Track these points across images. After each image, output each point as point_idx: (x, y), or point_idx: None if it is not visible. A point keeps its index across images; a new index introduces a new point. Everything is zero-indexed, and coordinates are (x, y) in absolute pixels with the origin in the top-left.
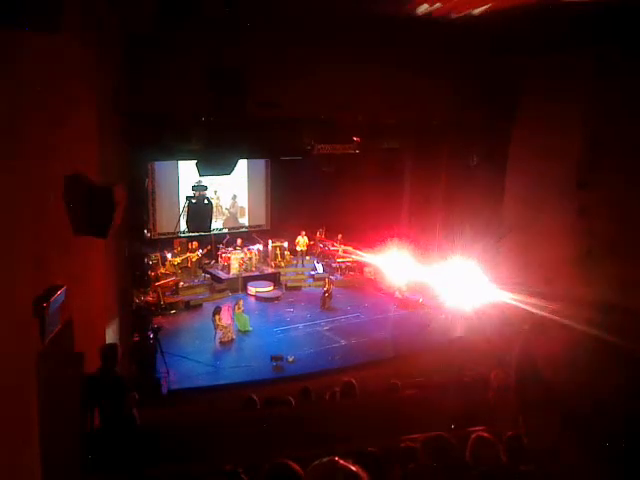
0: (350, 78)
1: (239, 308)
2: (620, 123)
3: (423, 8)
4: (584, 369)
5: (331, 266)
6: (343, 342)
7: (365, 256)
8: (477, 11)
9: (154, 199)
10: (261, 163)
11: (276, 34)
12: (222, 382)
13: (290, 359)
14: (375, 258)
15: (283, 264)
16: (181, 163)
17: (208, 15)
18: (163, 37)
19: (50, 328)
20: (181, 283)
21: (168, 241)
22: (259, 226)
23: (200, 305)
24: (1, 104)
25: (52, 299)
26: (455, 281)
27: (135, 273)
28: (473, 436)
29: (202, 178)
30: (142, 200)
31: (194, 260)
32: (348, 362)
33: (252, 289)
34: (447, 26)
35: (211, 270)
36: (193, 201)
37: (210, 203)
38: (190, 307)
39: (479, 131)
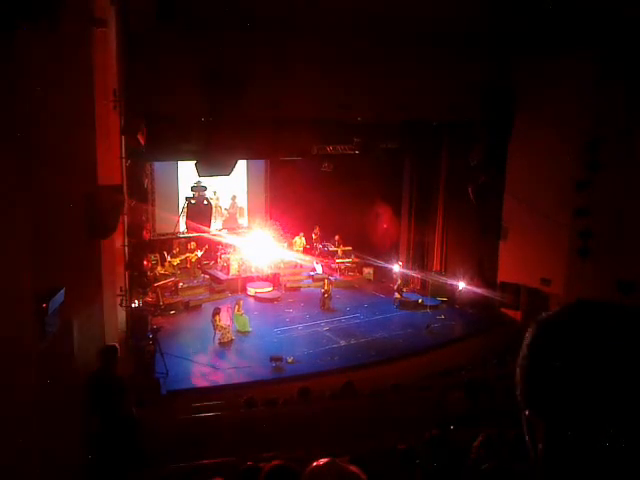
0: (350, 78)
1: (238, 309)
2: (620, 124)
3: None
4: None
5: (330, 267)
6: (342, 343)
7: (364, 257)
8: None
9: (153, 199)
10: (260, 163)
11: (276, 34)
12: (221, 383)
13: (289, 360)
14: (374, 259)
15: (282, 265)
16: (180, 163)
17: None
18: (163, 37)
19: (50, 328)
20: (180, 284)
21: (167, 242)
22: (258, 227)
23: (199, 306)
24: (1, 102)
25: (52, 299)
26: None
27: (134, 274)
28: (479, 437)
29: (201, 179)
30: (141, 200)
31: (193, 261)
32: (347, 363)
33: (251, 290)
34: (448, 27)
35: (210, 271)
36: (192, 201)
37: (209, 204)
38: (189, 308)
39: (479, 131)
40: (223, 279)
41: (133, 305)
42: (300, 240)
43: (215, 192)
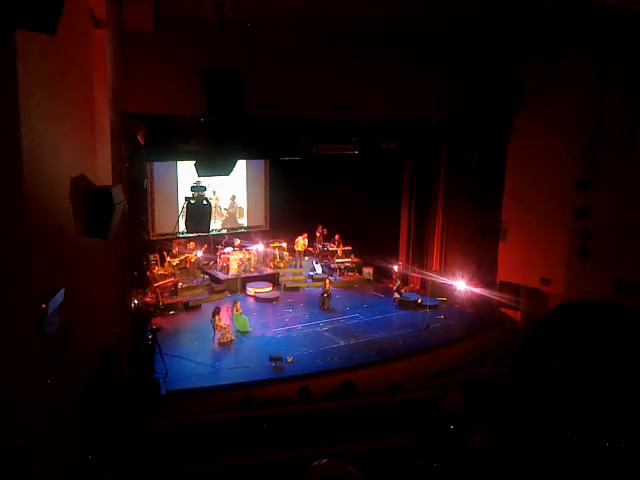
0: (350, 78)
1: (238, 309)
2: (619, 124)
3: None
4: None
5: (330, 267)
6: (342, 342)
7: (364, 257)
8: None
9: (153, 200)
10: (260, 163)
11: (276, 34)
12: (221, 383)
13: (289, 359)
14: (374, 259)
15: (282, 265)
16: (180, 164)
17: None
18: (162, 37)
19: (49, 328)
20: (180, 284)
21: (167, 242)
22: (258, 227)
23: (199, 306)
24: (1, 102)
25: (52, 299)
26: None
27: (134, 274)
28: (476, 438)
29: (201, 179)
30: (141, 201)
31: (193, 261)
32: (347, 362)
33: (251, 290)
34: (449, 27)
35: (210, 271)
36: (192, 202)
37: (209, 204)
38: (189, 308)
39: (479, 132)
40: (223, 279)
41: (133, 305)
42: (303, 241)
43: (215, 192)
